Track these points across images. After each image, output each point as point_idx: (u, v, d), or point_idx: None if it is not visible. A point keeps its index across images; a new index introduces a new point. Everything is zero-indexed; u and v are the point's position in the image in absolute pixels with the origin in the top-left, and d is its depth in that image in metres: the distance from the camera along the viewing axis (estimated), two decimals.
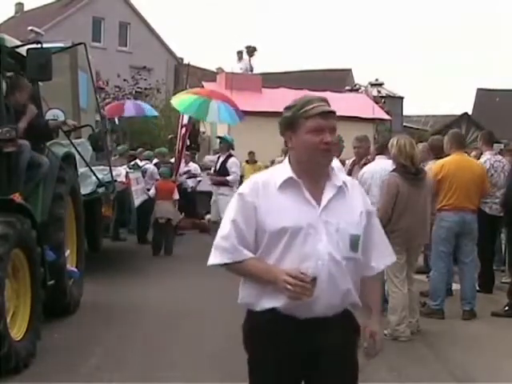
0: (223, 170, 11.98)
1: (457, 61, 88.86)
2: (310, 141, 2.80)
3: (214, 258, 2.90)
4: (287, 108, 2.91)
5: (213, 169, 12.67)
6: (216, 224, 11.36)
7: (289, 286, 2.68)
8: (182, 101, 12.47)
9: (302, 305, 2.73)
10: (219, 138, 13.18)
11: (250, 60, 23.70)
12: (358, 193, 2.97)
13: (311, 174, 2.86)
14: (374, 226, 2.99)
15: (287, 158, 2.96)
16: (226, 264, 2.87)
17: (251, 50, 23.79)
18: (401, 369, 5.83)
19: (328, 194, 2.85)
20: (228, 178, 11.96)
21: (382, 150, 7.78)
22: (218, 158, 12.41)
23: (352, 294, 2.88)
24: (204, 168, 15.93)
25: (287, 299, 2.73)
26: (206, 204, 13.40)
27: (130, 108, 16.06)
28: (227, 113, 12.60)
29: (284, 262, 2.78)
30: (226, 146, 12.33)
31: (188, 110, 12.39)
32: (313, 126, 2.80)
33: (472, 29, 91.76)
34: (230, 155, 12.26)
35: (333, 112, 2.86)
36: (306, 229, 2.78)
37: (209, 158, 16.39)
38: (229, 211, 2.89)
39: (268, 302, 2.84)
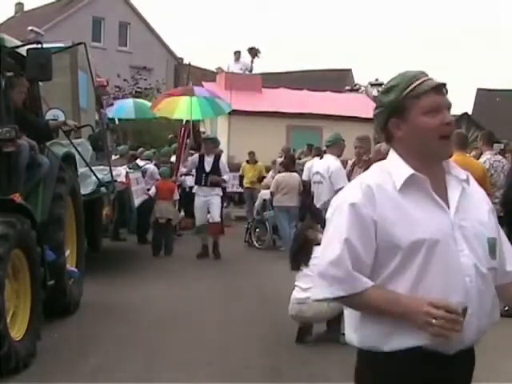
0: (215, 171, 11.60)
1: (457, 61, 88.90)
2: (426, 125, 2.24)
3: (323, 291, 2.26)
4: (386, 91, 2.34)
5: (192, 170, 12.34)
6: (203, 227, 11.60)
7: (434, 321, 2.08)
8: (178, 109, 12.76)
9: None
10: (206, 139, 12.65)
11: (252, 61, 23.70)
12: (476, 185, 2.42)
13: (430, 168, 2.28)
14: (497, 225, 2.42)
15: (393, 152, 2.36)
16: (340, 298, 2.23)
17: (254, 52, 23.79)
18: None
19: (454, 191, 2.30)
20: (224, 177, 11.78)
21: None
22: (200, 158, 11.74)
23: (497, 311, 2.36)
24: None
25: (431, 336, 2.14)
26: None
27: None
28: (209, 107, 12.85)
29: (421, 285, 2.19)
30: (212, 145, 12.01)
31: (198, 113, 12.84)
32: (428, 106, 2.24)
33: (472, 29, 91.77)
34: (218, 155, 12.14)
35: (445, 84, 2.31)
36: (444, 238, 2.21)
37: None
38: (336, 228, 2.26)
39: (404, 341, 2.20)
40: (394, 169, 2.28)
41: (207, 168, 11.59)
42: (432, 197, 2.25)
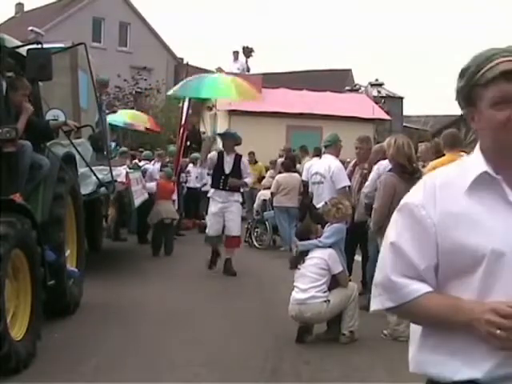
0: (236, 173, 10.04)
1: (457, 61, 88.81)
2: (493, 119, 1.90)
3: (374, 301, 2.05)
4: (459, 75, 2.00)
5: (211, 170, 10.32)
6: (215, 239, 10.07)
7: (498, 331, 1.78)
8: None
9: None
10: (220, 135, 11.02)
11: (246, 61, 23.69)
12: None
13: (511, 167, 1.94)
14: None
15: (477, 145, 2.03)
16: (391, 308, 2.02)
17: (248, 51, 23.79)
18: (400, 369, 5.82)
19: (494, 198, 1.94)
20: (246, 180, 10.26)
21: None
22: (220, 157, 10.14)
23: None
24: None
25: (497, 361, 1.83)
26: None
27: None
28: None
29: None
30: (233, 142, 10.17)
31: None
32: (494, 97, 1.89)
33: (472, 29, 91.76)
34: (239, 154, 10.34)
35: None
36: None
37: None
38: (389, 232, 2.03)
39: (463, 371, 1.89)
40: (471, 165, 1.97)
41: (227, 169, 10.02)
42: (508, 200, 1.90)
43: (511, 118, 1.87)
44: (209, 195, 10.49)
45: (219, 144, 11.60)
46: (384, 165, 7.53)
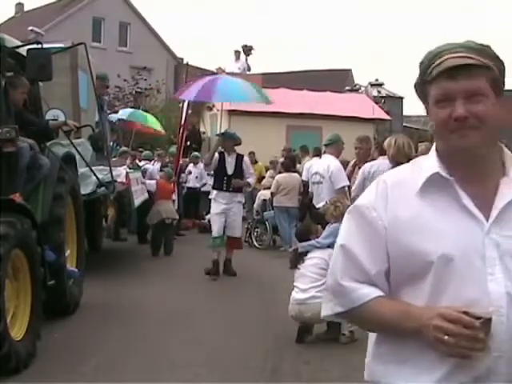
0: (238, 173, 9.93)
1: None
2: (436, 118, 1.81)
3: (325, 308, 1.96)
4: (418, 69, 1.91)
5: (213, 171, 10.31)
6: (220, 240, 9.81)
7: (445, 337, 1.69)
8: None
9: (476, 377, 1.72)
10: (219, 135, 10.63)
11: (246, 59, 23.67)
12: None
13: (468, 167, 1.82)
14: None
15: (434, 144, 1.92)
16: (341, 313, 1.91)
17: (248, 49, 23.76)
18: None
19: (503, 198, 1.79)
20: (249, 180, 10.17)
21: None
22: (221, 158, 9.98)
23: None
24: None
25: (447, 370, 1.74)
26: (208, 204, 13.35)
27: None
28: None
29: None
30: (232, 142, 10.05)
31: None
32: (437, 94, 1.81)
33: (472, 28, 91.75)
34: (240, 154, 10.21)
35: (470, 65, 1.78)
36: (467, 256, 1.76)
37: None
38: (339, 235, 1.95)
39: (414, 381, 1.79)
40: (425, 165, 1.87)
41: (229, 170, 9.91)
42: (461, 203, 1.78)
43: (452, 116, 1.77)
44: (211, 197, 10.29)
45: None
46: (368, 167, 7.52)
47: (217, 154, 10.06)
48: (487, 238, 1.76)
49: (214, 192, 10.13)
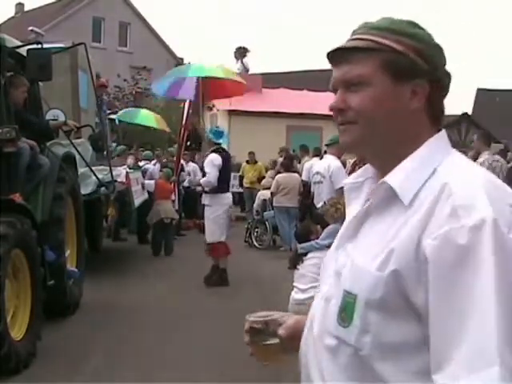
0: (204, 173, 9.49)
1: (457, 61, 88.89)
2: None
3: None
4: None
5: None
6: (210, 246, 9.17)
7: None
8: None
9: None
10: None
11: (242, 61, 23.69)
12: (432, 210, 1.27)
13: (377, 168, 1.49)
14: (435, 285, 1.23)
15: None
16: None
17: (242, 52, 23.79)
18: None
19: (356, 207, 1.48)
20: (202, 180, 9.53)
21: None
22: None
23: None
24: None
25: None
26: None
27: None
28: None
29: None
30: (209, 143, 9.61)
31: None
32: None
33: (472, 28, 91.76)
34: (211, 152, 9.40)
35: (354, 48, 1.44)
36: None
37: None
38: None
39: None
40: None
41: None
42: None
43: (332, 106, 1.48)
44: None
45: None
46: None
47: (218, 156, 9.37)
48: (334, 253, 1.51)
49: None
